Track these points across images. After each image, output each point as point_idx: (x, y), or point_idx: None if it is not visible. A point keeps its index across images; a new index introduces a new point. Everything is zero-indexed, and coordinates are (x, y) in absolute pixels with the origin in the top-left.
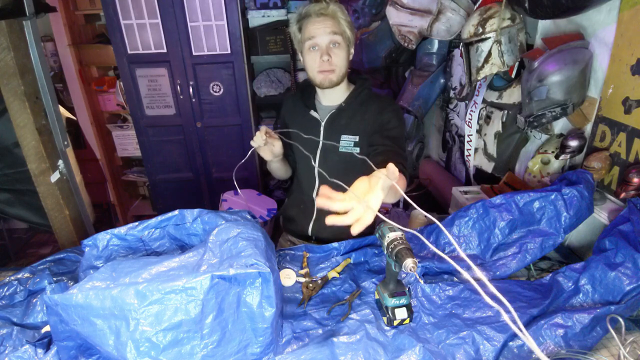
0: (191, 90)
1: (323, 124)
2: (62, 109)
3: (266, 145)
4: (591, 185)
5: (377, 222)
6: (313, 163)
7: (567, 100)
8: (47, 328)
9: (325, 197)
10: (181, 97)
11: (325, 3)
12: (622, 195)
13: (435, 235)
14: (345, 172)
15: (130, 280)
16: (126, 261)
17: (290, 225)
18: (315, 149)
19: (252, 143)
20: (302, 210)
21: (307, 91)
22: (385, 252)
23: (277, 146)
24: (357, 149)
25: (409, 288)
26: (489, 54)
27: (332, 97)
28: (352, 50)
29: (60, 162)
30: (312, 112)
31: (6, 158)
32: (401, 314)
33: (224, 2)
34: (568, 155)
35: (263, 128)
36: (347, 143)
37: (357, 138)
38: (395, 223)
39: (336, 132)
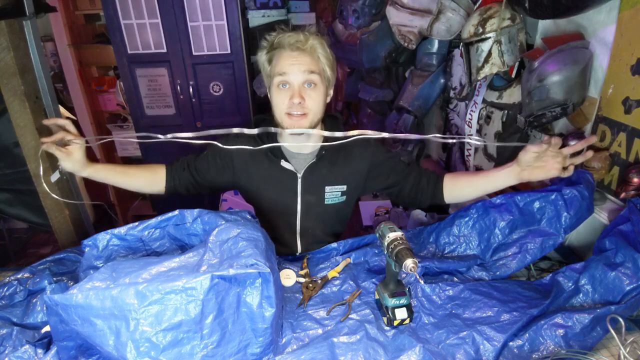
0: (191, 90)
1: (300, 175)
2: (62, 109)
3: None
4: (591, 185)
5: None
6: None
7: (567, 100)
8: (47, 328)
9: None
10: (181, 97)
11: (304, 35)
12: (622, 195)
13: (435, 235)
14: (330, 223)
15: (130, 280)
16: (126, 261)
17: None
18: (293, 204)
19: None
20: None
21: (266, 132)
22: (385, 252)
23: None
24: (344, 198)
25: (409, 288)
26: (489, 54)
27: (303, 143)
28: (331, 92)
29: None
30: (284, 163)
31: (6, 158)
32: (401, 314)
33: (224, 2)
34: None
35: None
36: (334, 194)
37: (344, 187)
38: (395, 224)
39: (317, 184)
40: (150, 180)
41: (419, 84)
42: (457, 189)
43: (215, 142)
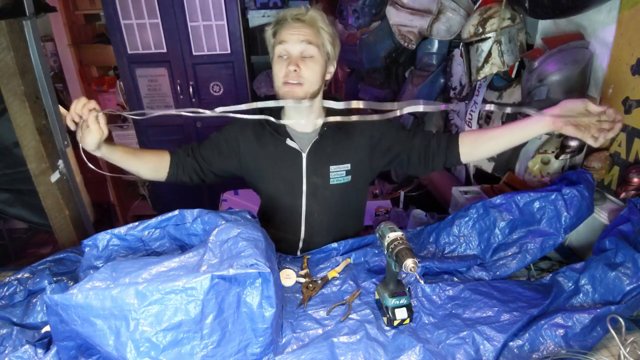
0: (191, 90)
1: (305, 155)
2: (62, 109)
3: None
4: (591, 185)
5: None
6: (300, 201)
7: None
8: (47, 328)
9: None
10: (181, 97)
11: (305, 8)
12: (622, 195)
13: (435, 235)
14: (337, 206)
15: (130, 280)
16: (126, 261)
17: None
18: (298, 185)
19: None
20: (284, 249)
21: (272, 115)
22: (386, 252)
23: (92, 137)
24: (349, 178)
25: (409, 288)
26: (489, 54)
27: (307, 122)
28: (332, 69)
29: (60, 162)
30: (290, 142)
31: (6, 158)
32: (401, 314)
33: (224, 2)
34: (568, 155)
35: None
36: (338, 174)
37: (348, 166)
38: (395, 224)
39: (322, 163)
40: (156, 165)
41: (419, 84)
42: (477, 145)
43: (270, 118)
